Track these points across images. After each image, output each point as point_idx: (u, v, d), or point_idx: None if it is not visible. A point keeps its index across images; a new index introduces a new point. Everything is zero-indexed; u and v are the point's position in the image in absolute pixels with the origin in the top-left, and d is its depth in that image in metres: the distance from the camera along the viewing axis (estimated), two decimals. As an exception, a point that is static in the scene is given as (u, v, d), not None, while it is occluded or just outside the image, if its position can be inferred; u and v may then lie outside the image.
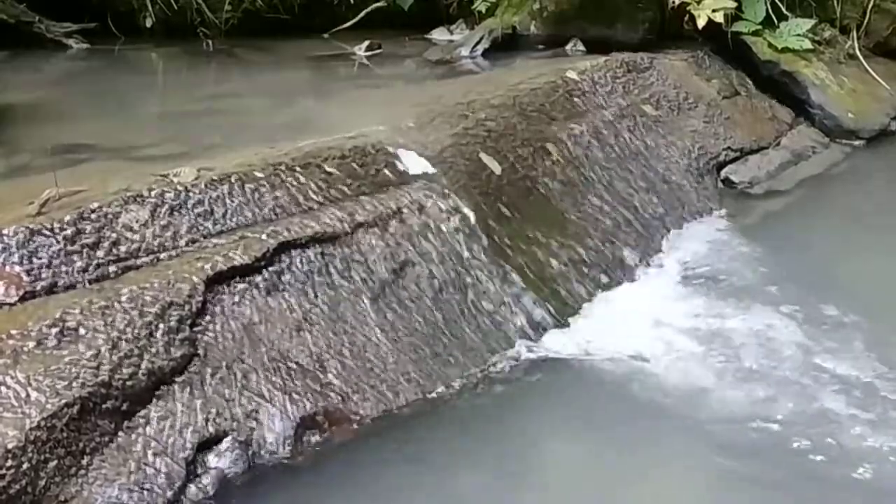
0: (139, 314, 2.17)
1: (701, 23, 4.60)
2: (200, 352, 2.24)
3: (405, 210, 2.79)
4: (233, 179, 2.57)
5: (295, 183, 2.68)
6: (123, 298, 2.18)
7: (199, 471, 2.11)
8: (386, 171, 2.90)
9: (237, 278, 2.38)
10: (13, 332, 2.04)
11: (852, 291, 3.20)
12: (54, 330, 2.06)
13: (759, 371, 2.66)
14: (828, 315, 2.95)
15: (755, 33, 4.91)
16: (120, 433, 2.06)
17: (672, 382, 2.62)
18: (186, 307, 2.25)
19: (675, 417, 2.49)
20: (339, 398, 2.36)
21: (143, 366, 2.12)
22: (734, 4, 4.73)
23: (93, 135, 3.40)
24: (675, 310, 3.01)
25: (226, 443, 2.16)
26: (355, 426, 2.35)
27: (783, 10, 5.00)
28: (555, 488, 2.26)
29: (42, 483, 1.90)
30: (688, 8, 4.68)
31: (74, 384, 2.00)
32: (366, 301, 2.56)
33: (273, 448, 2.21)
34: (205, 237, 2.45)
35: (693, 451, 2.37)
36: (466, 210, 2.92)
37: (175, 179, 2.50)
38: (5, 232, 2.20)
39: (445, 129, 3.22)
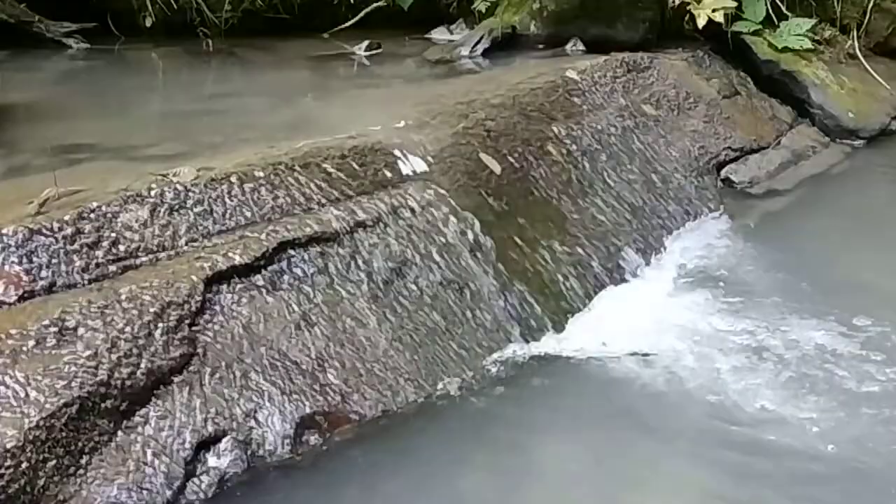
0: (138, 314, 2.17)
1: (701, 22, 4.60)
2: (200, 351, 2.23)
3: (405, 210, 2.79)
4: (232, 179, 2.57)
5: (295, 183, 2.68)
6: (123, 298, 2.18)
7: (199, 470, 2.11)
8: (385, 171, 2.90)
9: (237, 278, 2.37)
10: (12, 331, 2.04)
11: (853, 291, 3.20)
12: (53, 329, 2.06)
13: (760, 370, 2.66)
14: (829, 314, 2.95)
15: (755, 33, 4.91)
16: (119, 433, 2.05)
17: (672, 382, 2.62)
18: (186, 307, 2.25)
19: (675, 417, 2.49)
20: (339, 398, 2.36)
21: (142, 365, 2.12)
22: (734, 4, 4.74)
23: (93, 135, 3.39)
24: (675, 309, 3.01)
25: (225, 442, 2.16)
26: (355, 426, 2.35)
27: (783, 9, 5.01)
28: (554, 488, 2.26)
29: (41, 482, 1.90)
30: (688, 7, 4.68)
31: (73, 384, 2.00)
32: (365, 301, 2.56)
33: (272, 448, 2.21)
34: (204, 237, 2.45)
35: (693, 451, 2.37)
36: (466, 210, 2.91)
37: (175, 179, 2.50)
38: (5, 231, 2.20)
39: (445, 129, 3.22)
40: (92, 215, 2.32)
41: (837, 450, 2.32)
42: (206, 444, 2.14)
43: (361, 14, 5.88)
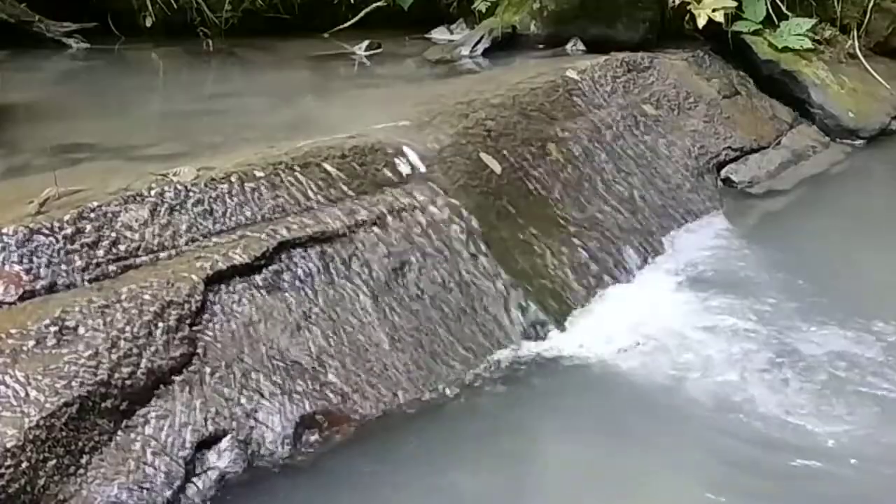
0: (139, 313, 2.17)
1: (701, 22, 4.61)
2: (200, 351, 2.23)
3: (405, 209, 2.79)
4: (233, 179, 2.57)
5: (295, 182, 2.68)
6: (123, 297, 2.18)
7: (199, 470, 2.11)
8: (386, 171, 2.90)
9: (237, 277, 2.37)
10: (12, 331, 2.04)
11: (853, 291, 3.19)
12: (53, 329, 2.06)
13: (762, 372, 2.66)
14: (829, 315, 2.95)
15: (755, 33, 4.92)
16: (119, 432, 2.05)
17: (671, 383, 2.62)
18: (186, 306, 2.25)
19: (675, 418, 2.49)
20: (339, 398, 2.36)
21: (142, 365, 2.12)
22: (734, 4, 4.74)
23: (93, 135, 3.39)
24: (675, 310, 3.00)
25: (225, 442, 2.16)
26: (355, 426, 2.35)
27: (783, 9, 5.01)
28: (554, 488, 2.26)
29: (41, 482, 1.90)
30: (688, 7, 4.68)
31: (73, 383, 2.00)
32: (365, 300, 2.55)
33: (272, 447, 2.21)
34: (204, 236, 2.45)
35: (693, 452, 2.37)
36: (466, 209, 2.91)
37: (175, 179, 2.50)
38: (5, 231, 2.20)
39: (445, 129, 3.22)
40: (92, 215, 2.31)
41: (838, 447, 2.32)
42: (206, 444, 2.13)
43: (361, 14, 5.88)
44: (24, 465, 1.88)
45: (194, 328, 2.25)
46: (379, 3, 5.87)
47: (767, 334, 2.84)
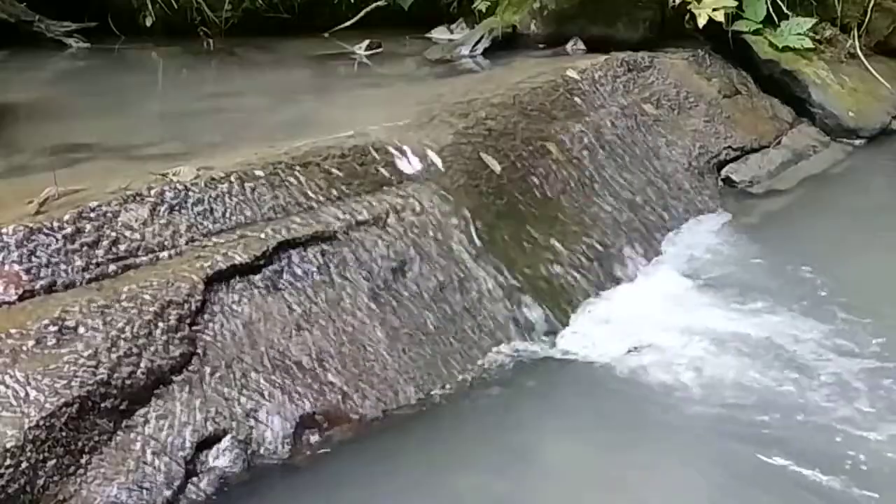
0: (138, 313, 2.17)
1: (701, 22, 4.60)
2: (200, 351, 2.23)
3: (405, 209, 2.79)
4: (232, 178, 2.57)
5: (295, 182, 2.68)
6: (123, 297, 2.18)
7: (199, 470, 2.11)
8: (385, 171, 2.90)
9: (237, 277, 2.37)
10: (12, 331, 2.04)
11: (853, 291, 3.19)
12: (53, 329, 2.06)
13: (762, 371, 2.66)
14: (829, 315, 2.95)
15: (756, 32, 4.91)
16: (119, 432, 2.05)
17: (672, 383, 2.62)
18: (186, 306, 2.25)
19: (674, 418, 2.49)
20: (339, 397, 2.36)
21: (142, 364, 2.12)
22: (735, 3, 4.73)
23: (93, 134, 3.40)
24: (675, 309, 3.00)
25: (225, 442, 2.16)
26: (355, 426, 2.35)
27: (784, 9, 5.00)
28: (554, 488, 2.26)
29: (41, 482, 1.90)
30: (688, 7, 4.67)
31: (73, 383, 2.00)
32: (365, 300, 2.55)
33: (272, 447, 2.21)
34: (204, 236, 2.45)
35: (694, 452, 2.37)
36: (466, 209, 2.91)
37: (175, 178, 2.50)
38: (5, 231, 2.20)
39: (445, 128, 3.22)
40: (92, 214, 2.32)
41: (839, 447, 2.32)
42: (206, 444, 2.14)
43: (362, 13, 5.89)
44: (24, 465, 1.88)
45: (194, 328, 2.25)
46: (379, 3, 5.87)
47: (768, 334, 2.84)
